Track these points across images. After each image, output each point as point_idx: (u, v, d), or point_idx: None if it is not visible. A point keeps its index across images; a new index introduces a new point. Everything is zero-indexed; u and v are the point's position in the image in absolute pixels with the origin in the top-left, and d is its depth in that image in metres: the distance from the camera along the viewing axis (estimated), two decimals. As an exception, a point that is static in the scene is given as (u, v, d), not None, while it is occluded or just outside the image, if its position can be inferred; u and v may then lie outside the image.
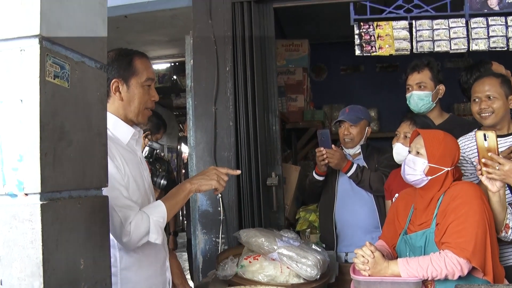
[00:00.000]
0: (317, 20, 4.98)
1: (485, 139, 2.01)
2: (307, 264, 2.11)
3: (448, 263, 1.81)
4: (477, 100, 2.35)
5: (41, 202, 0.99)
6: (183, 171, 9.05)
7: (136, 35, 4.48)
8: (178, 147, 11.47)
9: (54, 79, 1.05)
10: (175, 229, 4.64)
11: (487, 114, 2.32)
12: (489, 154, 1.98)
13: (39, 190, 0.99)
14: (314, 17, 4.88)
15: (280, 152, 3.17)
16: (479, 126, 2.51)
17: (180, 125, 10.90)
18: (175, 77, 6.34)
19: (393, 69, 5.92)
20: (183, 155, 10.87)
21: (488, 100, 2.31)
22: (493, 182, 1.96)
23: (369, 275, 1.91)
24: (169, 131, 10.32)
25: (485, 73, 2.47)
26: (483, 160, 1.99)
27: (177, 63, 5.94)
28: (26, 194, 1.00)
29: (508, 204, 2.09)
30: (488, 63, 2.98)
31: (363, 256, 1.92)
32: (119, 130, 1.86)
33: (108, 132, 1.78)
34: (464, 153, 2.42)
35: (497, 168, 1.96)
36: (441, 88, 2.79)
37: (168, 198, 1.83)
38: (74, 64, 1.13)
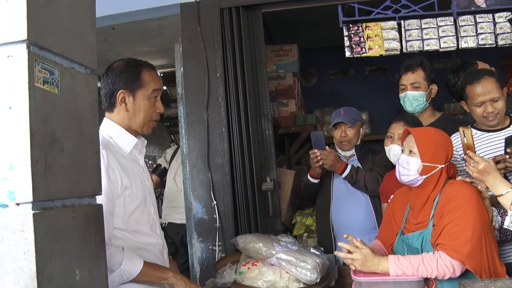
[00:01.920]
0: (304, 25, 4.99)
1: (464, 136, 2.02)
2: (307, 268, 2.08)
3: (440, 264, 1.79)
4: (481, 104, 2.32)
5: (33, 212, 0.96)
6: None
7: (125, 47, 4.46)
8: (170, 157, 11.40)
9: (43, 85, 1.02)
10: None
11: (494, 116, 2.32)
12: (468, 151, 1.98)
13: (30, 199, 0.96)
14: (301, 22, 4.90)
15: (274, 157, 3.15)
16: (471, 124, 2.51)
17: (171, 135, 10.87)
18: (164, 87, 6.31)
19: (382, 71, 5.94)
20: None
21: (494, 103, 2.30)
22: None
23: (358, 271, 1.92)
24: (160, 142, 10.29)
25: (478, 73, 2.44)
26: (464, 156, 1.99)
27: (166, 74, 5.92)
28: (18, 204, 0.97)
29: (494, 206, 2.09)
30: (474, 63, 2.99)
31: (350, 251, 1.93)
32: (122, 139, 1.85)
33: (110, 140, 1.79)
34: (456, 149, 2.42)
35: (472, 165, 1.96)
36: (434, 87, 2.80)
37: (150, 267, 1.77)
38: (64, 69, 1.11)
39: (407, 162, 2.01)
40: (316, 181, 2.97)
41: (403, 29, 3.03)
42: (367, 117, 5.73)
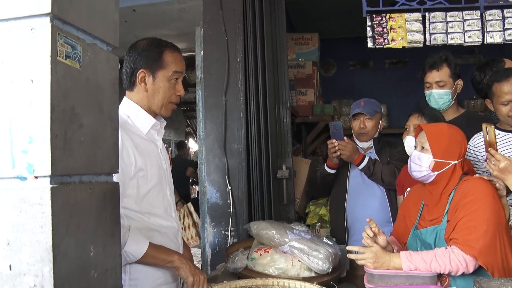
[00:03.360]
0: (326, 15, 4.94)
1: (487, 133, 1.99)
2: (319, 257, 2.07)
3: (453, 259, 1.77)
4: (507, 103, 2.28)
5: (51, 186, 0.96)
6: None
7: (145, 30, 4.47)
8: (186, 142, 11.49)
9: (65, 59, 1.02)
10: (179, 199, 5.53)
11: None
12: (489, 148, 1.95)
13: (49, 173, 0.96)
14: (323, 11, 4.84)
15: (291, 145, 3.14)
16: (494, 123, 2.47)
17: (188, 120, 10.90)
18: (183, 72, 6.35)
19: (402, 65, 5.87)
20: (190, 150, 10.87)
21: None
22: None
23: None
24: (176, 126, 10.34)
25: (507, 71, 2.38)
26: (485, 154, 1.96)
27: (185, 58, 5.92)
28: (36, 177, 0.96)
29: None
30: (501, 61, 2.93)
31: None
32: (140, 120, 1.84)
33: (128, 120, 1.78)
34: (478, 150, 2.38)
35: (492, 163, 1.92)
36: (459, 83, 2.76)
37: (156, 249, 1.74)
38: (86, 45, 1.10)
39: (418, 158, 1.99)
40: (332, 171, 2.96)
41: (427, 22, 2.97)
42: (385, 110, 5.68)
